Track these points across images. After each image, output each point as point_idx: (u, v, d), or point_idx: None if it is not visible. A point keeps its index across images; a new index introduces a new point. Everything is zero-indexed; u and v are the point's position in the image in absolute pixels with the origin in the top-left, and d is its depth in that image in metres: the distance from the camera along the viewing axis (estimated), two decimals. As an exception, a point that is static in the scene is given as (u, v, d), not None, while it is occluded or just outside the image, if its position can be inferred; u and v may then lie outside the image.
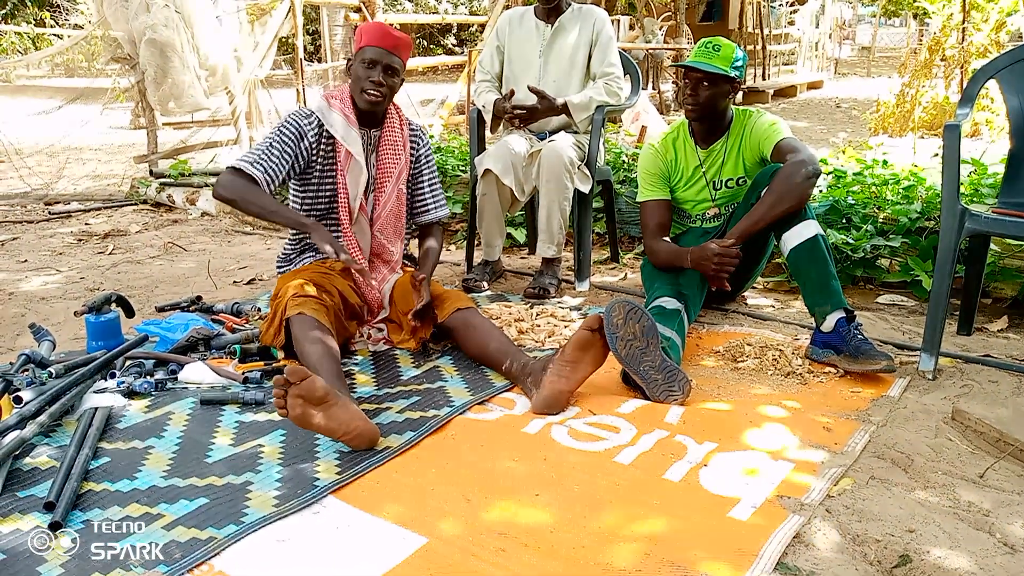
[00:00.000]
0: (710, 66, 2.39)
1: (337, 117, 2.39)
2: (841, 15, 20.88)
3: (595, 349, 2.00)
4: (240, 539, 1.47)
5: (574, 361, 1.98)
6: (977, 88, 2.35)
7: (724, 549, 1.42)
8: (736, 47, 2.46)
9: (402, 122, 2.54)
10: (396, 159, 2.49)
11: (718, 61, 2.41)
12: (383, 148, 2.47)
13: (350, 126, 2.39)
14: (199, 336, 2.43)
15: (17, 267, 3.63)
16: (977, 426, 1.85)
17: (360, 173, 2.41)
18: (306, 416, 1.72)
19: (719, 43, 2.44)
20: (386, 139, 2.48)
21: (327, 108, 2.40)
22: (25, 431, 1.78)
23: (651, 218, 2.60)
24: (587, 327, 1.98)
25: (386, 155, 2.48)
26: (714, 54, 2.42)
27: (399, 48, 2.37)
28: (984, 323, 2.64)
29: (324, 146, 2.41)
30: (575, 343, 1.98)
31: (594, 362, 2.01)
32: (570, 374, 1.98)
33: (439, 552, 1.43)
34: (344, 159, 2.40)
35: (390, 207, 2.50)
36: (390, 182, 2.48)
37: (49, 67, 15.46)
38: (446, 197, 4.04)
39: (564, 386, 1.98)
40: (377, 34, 2.35)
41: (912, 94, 7.16)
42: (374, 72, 2.33)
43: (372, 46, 2.34)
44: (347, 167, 2.40)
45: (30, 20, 16.54)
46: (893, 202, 3.14)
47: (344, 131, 2.38)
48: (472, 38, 20.56)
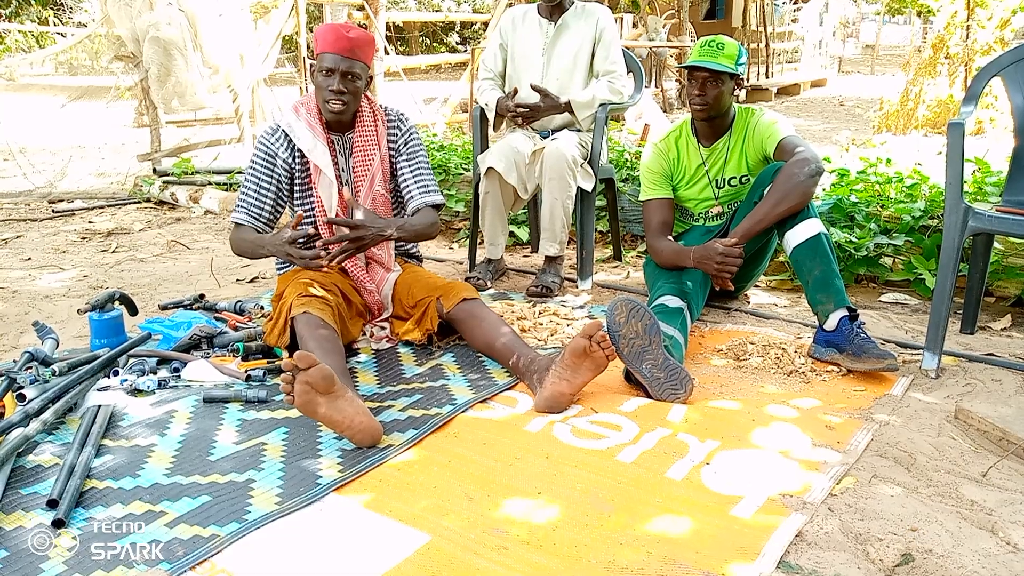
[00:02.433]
0: (717, 64, 2.39)
1: (303, 129, 2.32)
2: (845, 13, 20.84)
3: (593, 357, 1.95)
4: (243, 537, 1.47)
5: (573, 367, 1.96)
6: (981, 86, 2.35)
7: (726, 547, 1.42)
8: (738, 44, 2.46)
9: (376, 117, 2.43)
10: (368, 164, 2.40)
11: (723, 59, 2.40)
12: (356, 153, 2.39)
13: (316, 137, 2.33)
14: (202, 334, 2.43)
15: (21, 265, 3.64)
16: (980, 425, 1.85)
17: (331, 186, 2.36)
18: (312, 404, 1.72)
19: (722, 41, 2.44)
20: (358, 143, 2.39)
21: (294, 119, 2.34)
22: (28, 428, 1.79)
23: (654, 217, 2.60)
24: (583, 335, 1.93)
25: (358, 160, 2.40)
26: (719, 52, 2.41)
27: (356, 51, 2.24)
28: (987, 322, 2.63)
29: (298, 159, 2.37)
30: (571, 350, 1.94)
31: (595, 368, 1.97)
32: (571, 378, 1.97)
33: (441, 550, 1.43)
34: (315, 172, 2.36)
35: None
36: (363, 187, 2.40)
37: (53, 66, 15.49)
38: (449, 195, 4.05)
39: (565, 389, 1.97)
40: (331, 39, 2.22)
41: (916, 92, 7.14)
42: (333, 81, 2.23)
43: (328, 53, 2.22)
44: (318, 181, 2.36)
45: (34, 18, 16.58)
46: (896, 200, 3.14)
47: (311, 143, 2.32)
48: (475, 36, 20.57)
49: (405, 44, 20.85)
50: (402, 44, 20.18)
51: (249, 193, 2.37)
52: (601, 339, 1.94)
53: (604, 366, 1.98)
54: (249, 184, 2.37)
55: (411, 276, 2.47)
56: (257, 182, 2.37)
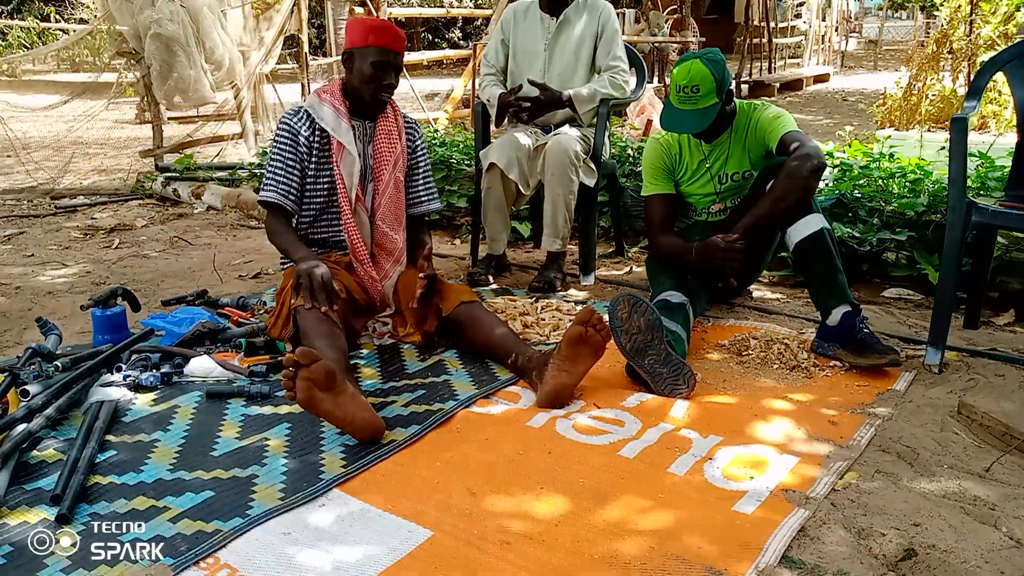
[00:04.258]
0: (699, 113, 2.32)
1: (327, 110, 2.40)
2: (848, 8, 20.79)
3: (590, 342, 1.97)
4: (245, 532, 1.47)
5: (571, 356, 1.97)
6: (984, 81, 2.34)
7: (729, 543, 1.42)
8: (709, 68, 2.29)
9: (396, 112, 2.55)
10: (392, 148, 2.50)
11: (704, 102, 2.32)
12: (379, 137, 2.48)
13: (340, 118, 2.40)
14: (205, 330, 2.43)
15: (24, 261, 3.64)
16: (983, 420, 1.85)
17: (353, 163, 2.42)
18: (313, 400, 1.72)
19: (693, 81, 2.28)
20: (381, 128, 2.48)
21: (317, 103, 2.42)
22: (32, 424, 1.79)
23: (656, 212, 2.60)
24: (577, 322, 1.96)
25: (381, 144, 2.48)
26: (697, 97, 2.31)
27: (401, 44, 2.41)
28: (990, 317, 2.63)
29: (318, 140, 2.43)
30: (568, 339, 1.97)
31: (593, 354, 1.99)
32: (571, 368, 1.98)
33: (444, 545, 1.43)
34: (337, 150, 2.40)
35: (389, 195, 2.50)
36: (387, 170, 2.49)
37: (55, 62, 15.50)
38: (451, 191, 4.05)
39: (567, 380, 1.98)
40: (387, 35, 2.35)
41: (919, 87, 7.12)
42: (387, 75, 2.36)
43: (383, 47, 2.34)
44: (340, 158, 2.41)
45: (36, 15, 16.58)
46: (899, 195, 3.13)
47: (334, 123, 2.39)
48: (477, 32, 20.54)
49: (408, 40, 20.87)
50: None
51: (277, 171, 2.40)
52: (596, 321, 1.95)
53: (602, 350, 1.99)
54: (276, 162, 2.41)
55: (414, 276, 2.48)
56: (284, 160, 2.40)
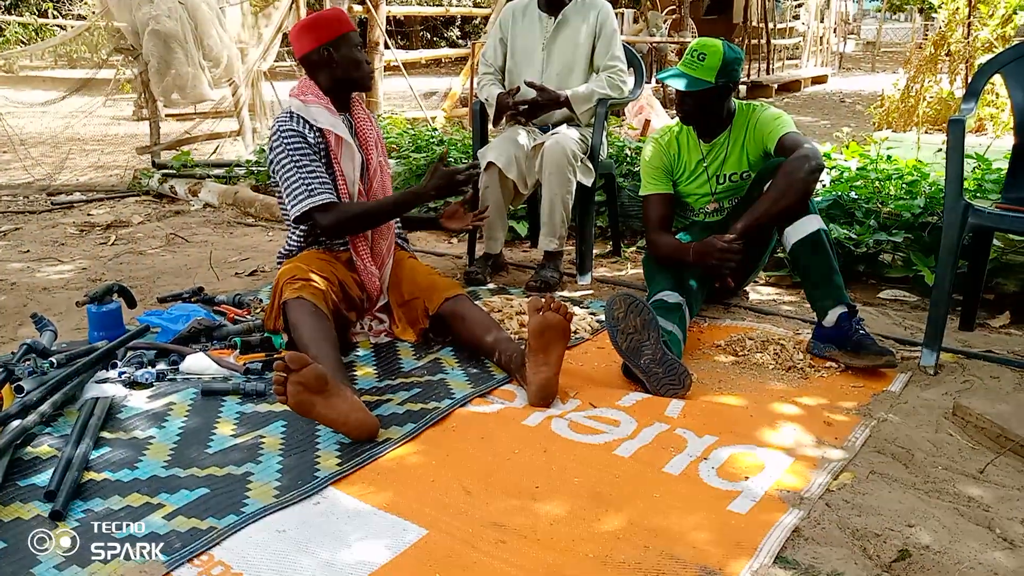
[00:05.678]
0: (689, 80, 2.37)
1: (317, 109, 2.38)
2: (846, 9, 20.81)
3: (553, 325, 1.98)
4: (240, 529, 1.47)
5: (542, 347, 1.99)
6: (982, 83, 2.34)
7: (723, 542, 1.42)
8: (725, 50, 2.37)
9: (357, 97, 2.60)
10: (372, 132, 2.53)
11: (701, 72, 2.36)
12: (359, 125, 2.50)
13: (333, 115, 2.40)
14: (200, 327, 2.42)
15: (19, 257, 3.63)
16: (978, 422, 1.85)
17: (354, 155, 2.42)
18: (305, 404, 1.72)
19: (705, 50, 2.37)
20: (357, 116, 2.51)
21: (303, 106, 2.38)
22: (26, 420, 1.78)
23: (653, 212, 2.60)
24: (532, 311, 2.00)
25: (364, 130, 2.50)
26: (698, 64, 2.36)
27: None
28: (986, 319, 2.63)
29: (316, 140, 2.40)
30: (532, 332, 1.99)
31: (562, 336, 2.00)
32: (546, 359, 1.99)
33: (439, 543, 1.43)
34: (336, 146, 2.39)
35: (378, 180, 2.52)
36: (374, 155, 2.51)
37: (52, 58, 15.47)
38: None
39: (548, 372, 1.99)
40: (344, 19, 2.42)
41: (917, 89, 7.13)
42: (363, 53, 2.45)
43: (352, 31, 2.41)
44: (340, 153, 2.40)
45: (33, 11, 16.54)
46: (896, 197, 3.13)
47: (330, 120, 2.38)
48: (476, 30, 20.52)
49: (406, 39, 20.80)
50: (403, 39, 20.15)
51: (308, 174, 2.33)
52: (549, 303, 1.99)
53: (568, 329, 2.01)
54: (302, 166, 2.33)
55: (405, 271, 2.49)
56: (308, 161, 2.35)
